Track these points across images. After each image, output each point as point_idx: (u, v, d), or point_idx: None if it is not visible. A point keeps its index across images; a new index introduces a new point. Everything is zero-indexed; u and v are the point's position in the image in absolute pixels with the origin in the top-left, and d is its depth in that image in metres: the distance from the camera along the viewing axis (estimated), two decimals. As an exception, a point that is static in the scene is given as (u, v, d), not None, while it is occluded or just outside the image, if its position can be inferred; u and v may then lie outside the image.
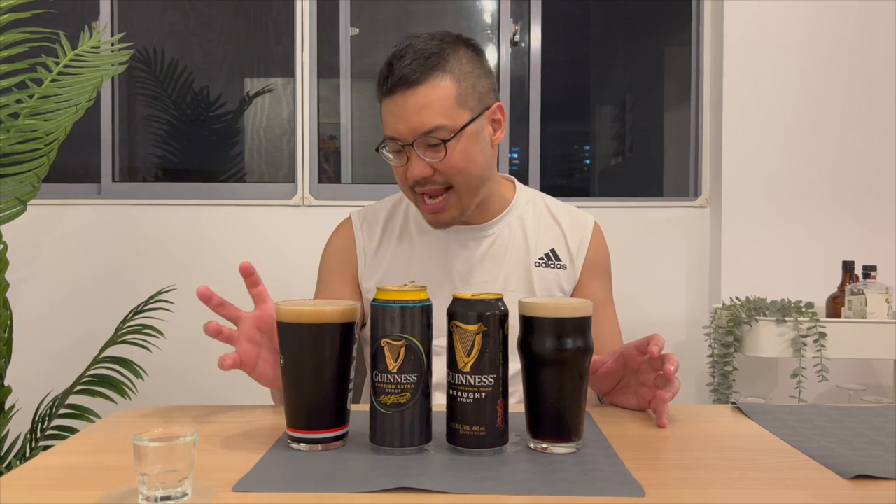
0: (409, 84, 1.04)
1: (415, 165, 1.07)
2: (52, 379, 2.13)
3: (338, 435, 0.77)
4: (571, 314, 0.76)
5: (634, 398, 0.95)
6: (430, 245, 1.20)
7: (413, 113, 1.04)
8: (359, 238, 1.23)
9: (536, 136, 2.65)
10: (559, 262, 1.21)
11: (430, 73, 1.04)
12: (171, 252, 2.51)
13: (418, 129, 1.05)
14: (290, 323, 0.76)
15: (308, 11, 2.56)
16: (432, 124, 1.04)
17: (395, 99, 1.05)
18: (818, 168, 2.46)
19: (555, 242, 1.22)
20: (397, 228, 1.23)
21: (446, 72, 1.06)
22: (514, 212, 1.22)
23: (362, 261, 1.22)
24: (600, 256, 1.25)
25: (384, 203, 1.28)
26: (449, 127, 1.05)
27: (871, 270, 2.16)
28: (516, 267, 1.20)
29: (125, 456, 0.72)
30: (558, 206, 1.27)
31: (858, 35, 2.44)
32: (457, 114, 1.06)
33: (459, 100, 1.06)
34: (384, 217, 1.25)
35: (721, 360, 2.17)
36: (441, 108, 1.05)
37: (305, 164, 2.57)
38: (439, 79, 1.05)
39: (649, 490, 0.64)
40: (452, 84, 1.06)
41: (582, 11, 3.13)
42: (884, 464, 0.71)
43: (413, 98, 1.04)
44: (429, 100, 1.04)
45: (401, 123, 1.06)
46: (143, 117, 2.89)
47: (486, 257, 1.20)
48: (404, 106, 1.05)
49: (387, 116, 1.08)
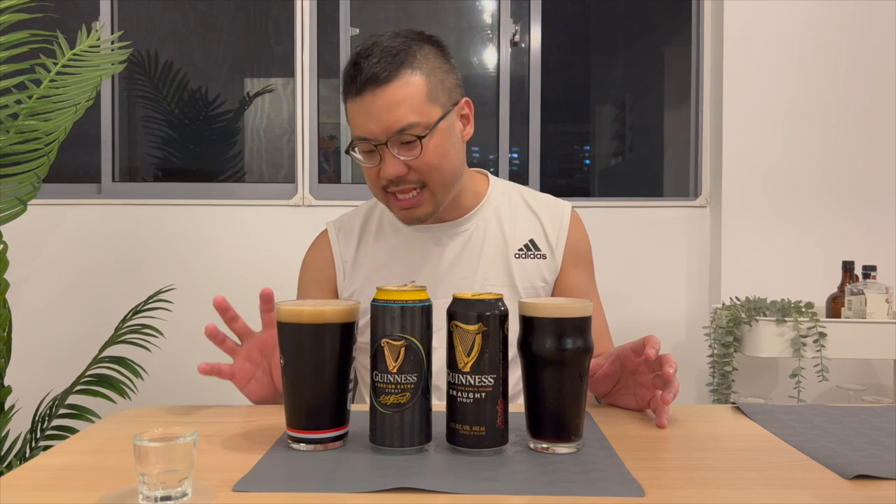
0: (378, 82, 1.02)
1: (389, 165, 1.06)
2: (52, 379, 2.13)
3: (338, 435, 0.77)
4: (571, 314, 0.76)
5: (633, 399, 0.95)
6: (406, 245, 1.20)
7: (385, 111, 1.03)
8: (336, 248, 1.23)
9: (536, 136, 2.65)
10: (539, 252, 1.20)
11: (399, 69, 1.03)
12: (170, 252, 2.51)
13: (391, 128, 1.03)
14: (290, 323, 0.76)
15: (308, 11, 2.56)
16: (406, 122, 1.03)
17: (365, 98, 1.04)
18: (818, 168, 2.46)
19: (533, 233, 1.21)
20: (372, 232, 1.24)
21: (415, 68, 1.04)
22: (488, 205, 1.22)
23: (340, 270, 1.23)
24: (581, 244, 1.24)
25: (359, 210, 1.28)
26: (422, 123, 1.04)
27: (871, 270, 2.16)
28: (494, 260, 1.19)
29: (125, 456, 0.72)
30: (535, 196, 1.26)
31: (858, 35, 2.44)
32: (428, 109, 1.05)
33: (430, 95, 1.05)
34: (360, 223, 1.25)
35: (721, 361, 2.17)
36: (413, 105, 1.04)
37: (305, 164, 2.57)
38: (409, 75, 1.04)
39: (649, 490, 0.64)
40: (422, 80, 1.05)
41: (582, 11, 3.13)
42: (884, 464, 0.71)
43: (383, 96, 1.03)
44: (400, 97, 1.03)
45: (372, 123, 1.04)
46: (143, 117, 2.88)
47: (463, 253, 1.19)
48: (375, 104, 1.03)
49: (356, 117, 1.06)
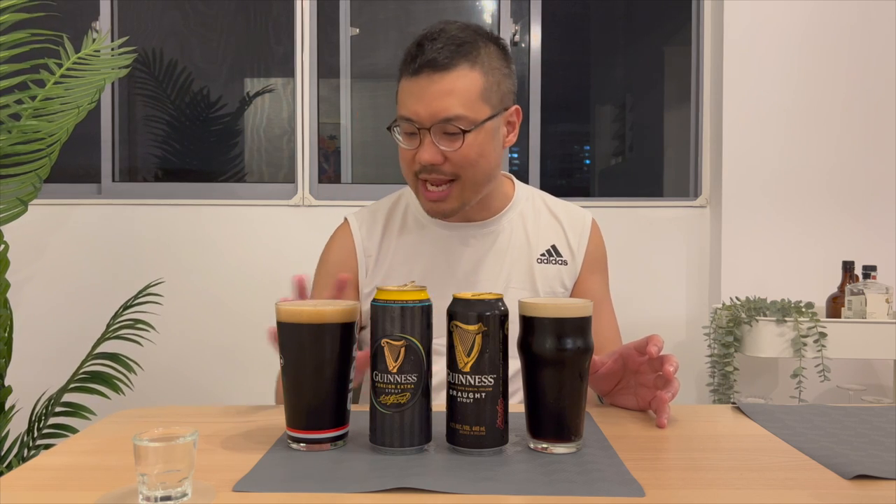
0: (437, 67, 1.03)
1: (427, 150, 1.05)
2: (51, 378, 2.13)
3: (338, 435, 0.77)
4: (571, 314, 0.76)
5: (634, 399, 0.95)
6: (432, 243, 1.20)
7: (436, 97, 1.03)
8: (358, 240, 1.22)
9: (536, 136, 2.65)
10: (560, 258, 1.21)
11: (460, 60, 1.04)
12: (171, 252, 2.51)
13: (438, 115, 1.03)
14: (290, 323, 0.76)
15: (308, 11, 2.56)
16: (453, 112, 1.03)
17: (420, 80, 1.04)
18: (818, 168, 2.45)
19: (555, 238, 1.22)
20: (397, 226, 1.22)
21: (476, 63, 1.05)
22: (514, 209, 1.22)
23: (363, 263, 1.21)
24: (599, 252, 1.26)
25: (382, 202, 1.27)
26: (469, 118, 1.04)
27: (871, 270, 2.16)
28: (518, 264, 1.19)
29: (125, 456, 0.72)
30: (556, 203, 1.27)
31: (858, 35, 2.44)
32: (479, 107, 1.05)
33: (483, 94, 1.06)
34: (384, 215, 1.24)
35: (721, 361, 2.17)
36: (465, 99, 1.04)
37: (305, 164, 2.57)
38: (468, 68, 1.04)
39: (649, 490, 0.64)
40: (480, 76, 1.05)
41: (582, 11, 3.13)
42: (884, 464, 0.71)
43: (439, 82, 1.03)
44: (454, 87, 1.03)
45: (421, 106, 1.04)
46: (143, 117, 2.89)
47: (489, 255, 1.19)
48: (428, 89, 1.03)
49: (407, 97, 1.06)
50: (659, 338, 0.90)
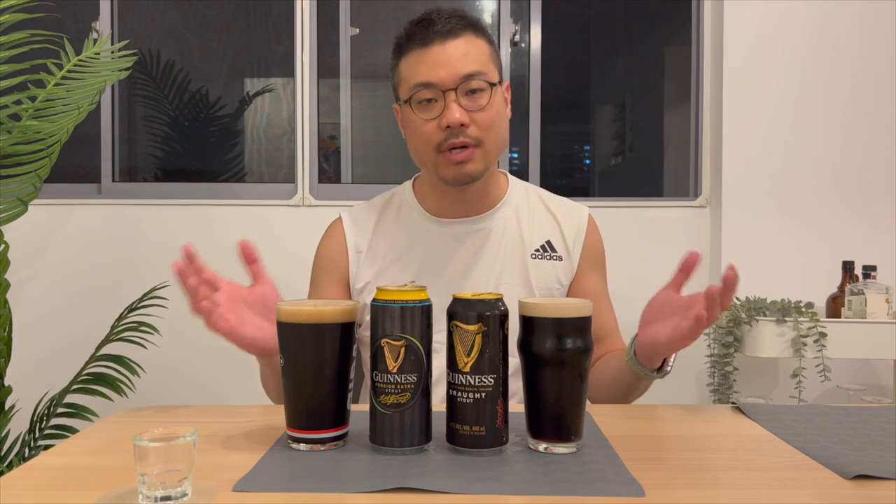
0: (448, 35, 1.08)
1: (454, 110, 1.06)
2: (52, 378, 2.13)
3: (338, 435, 0.77)
4: (571, 314, 0.76)
5: (669, 328, 0.92)
6: (424, 240, 1.19)
7: (455, 58, 1.07)
8: (350, 237, 1.21)
9: (536, 136, 2.65)
10: (555, 254, 1.21)
11: (469, 29, 1.10)
12: (171, 252, 2.48)
13: (460, 71, 1.07)
14: (289, 323, 0.76)
15: (308, 11, 2.56)
16: (475, 68, 1.07)
17: (433, 48, 1.08)
18: (818, 168, 2.45)
19: (550, 234, 1.22)
20: (390, 222, 1.22)
21: (479, 33, 1.11)
22: (509, 203, 1.22)
23: (354, 260, 1.20)
24: (596, 248, 1.25)
25: (376, 200, 1.27)
26: (489, 75, 1.09)
27: (871, 270, 2.16)
28: (511, 260, 1.19)
29: (125, 456, 0.72)
30: (552, 199, 1.26)
31: (858, 34, 2.44)
32: (491, 69, 1.11)
33: (492, 59, 1.12)
34: (377, 212, 1.24)
35: (721, 360, 2.17)
36: (481, 58, 1.09)
37: (305, 164, 2.57)
38: (476, 36, 1.11)
39: (649, 490, 0.64)
40: (486, 44, 1.12)
41: (582, 11, 3.13)
42: (884, 464, 0.71)
43: (454, 46, 1.08)
44: (469, 49, 1.08)
45: (441, 69, 1.07)
46: (143, 117, 2.88)
47: (483, 250, 1.19)
48: (444, 52, 1.07)
49: (421, 66, 1.08)
50: (732, 271, 0.89)
